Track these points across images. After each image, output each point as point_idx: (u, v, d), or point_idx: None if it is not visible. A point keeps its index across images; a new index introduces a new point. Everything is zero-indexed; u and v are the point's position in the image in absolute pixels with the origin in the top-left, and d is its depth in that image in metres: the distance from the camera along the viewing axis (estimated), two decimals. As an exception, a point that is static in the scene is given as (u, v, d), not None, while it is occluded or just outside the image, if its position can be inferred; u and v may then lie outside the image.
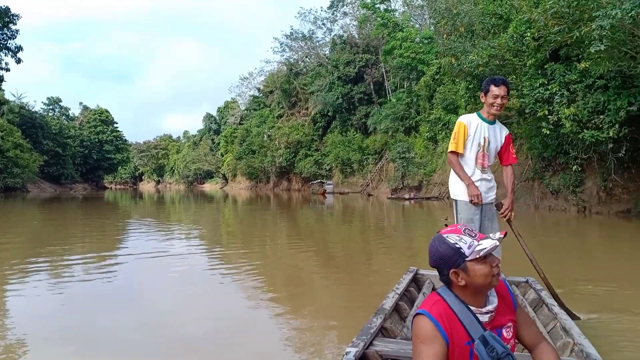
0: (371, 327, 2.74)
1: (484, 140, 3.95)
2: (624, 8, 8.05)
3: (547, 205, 17.18)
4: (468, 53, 13.77)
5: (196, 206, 29.78)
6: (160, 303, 5.32)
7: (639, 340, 3.80)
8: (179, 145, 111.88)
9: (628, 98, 10.50)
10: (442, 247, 1.80)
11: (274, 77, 62.95)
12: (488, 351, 1.71)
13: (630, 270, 6.79)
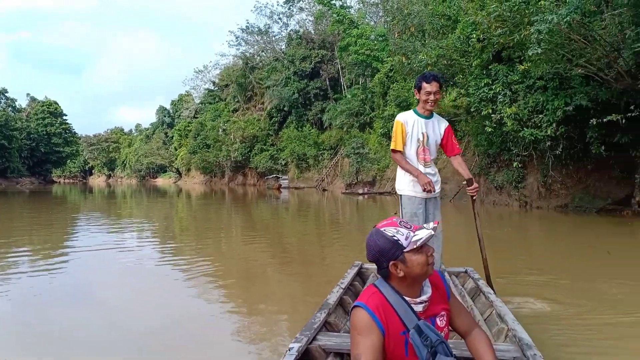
0: (315, 322, 2.77)
1: (422, 135, 4.01)
2: (560, 14, 8.57)
3: (491, 200, 17.90)
4: (418, 52, 14.20)
5: (148, 201, 29.26)
6: (112, 298, 5.26)
7: (569, 327, 4.03)
8: (130, 138, 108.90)
9: (565, 99, 11.15)
10: (381, 241, 1.84)
11: (229, 71, 62.32)
12: (422, 340, 1.77)
13: (566, 261, 7.23)
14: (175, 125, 79.95)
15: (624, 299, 4.82)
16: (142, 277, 6.31)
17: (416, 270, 1.81)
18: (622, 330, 3.97)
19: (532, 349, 2.44)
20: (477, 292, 4.00)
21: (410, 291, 1.86)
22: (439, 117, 4.15)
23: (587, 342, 3.69)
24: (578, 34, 9.65)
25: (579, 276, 6.00)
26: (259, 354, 3.62)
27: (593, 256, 7.55)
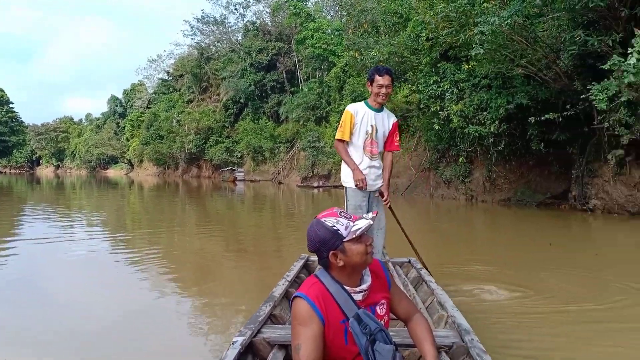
0: (260, 315, 2.79)
1: (371, 127, 4.01)
2: (502, 16, 8.98)
3: (440, 193, 18.47)
4: (371, 49, 14.47)
5: (99, 192, 28.51)
6: (60, 293, 5.17)
7: (509, 314, 4.24)
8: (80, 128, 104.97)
9: (507, 97, 11.68)
10: (321, 231, 1.87)
11: (184, 61, 61.00)
12: (362, 328, 1.80)
13: (509, 252, 7.63)
14: (127, 115, 77.67)
15: (563, 288, 5.09)
16: (93, 270, 6.22)
17: (355, 260, 1.85)
18: (560, 317, 4.20)
19: (470, 334, 2.53)
20: (419, 281, 4.12)
21: (350, 280, 1.89)
22: (389, 112, 4.19)
23: (524, 329, 3.88)
24: (520, 36, 10.12)
25: (522, 266, 6.30)
26: (209, 347, 3.61)
27: (534, 248, 7.92)
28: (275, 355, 2.45)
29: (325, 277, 1.90)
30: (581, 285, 5.28)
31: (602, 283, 5.44)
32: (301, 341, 1.75)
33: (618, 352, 3.44)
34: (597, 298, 4.76)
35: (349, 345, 1.84)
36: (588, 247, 8.21)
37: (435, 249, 7.95)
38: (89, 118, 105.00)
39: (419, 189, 20.18)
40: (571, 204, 12.75)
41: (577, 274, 5.84)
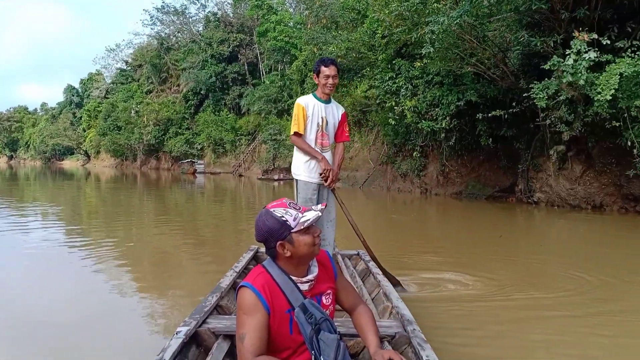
0: (205, 305, 2.80)
1: (321, 120, 4.02)
2: (452, 16, 9.33)
3: (397, 187, 18.93)
4: (329, 44, 14.67)
5: (54, 184, 27.78)
6: (13, 287, 5.08)
7: (455, 302, 4.37)
8: (35, 118, 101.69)
9: (457, 94, 12.11)
10: (270, 221, 1.87)
11: (143, 51, 59.78)
12: (307, 317, 1.82)
13: (457, 243, 7.94)
14: (84, 105, 75.46)
15: (510, 277, 5.28)
16: (44, 263, 6.11)
17: (302, 251, 1.86)
18: (506, 305, 4.37)
19: (413, 324, 2.60)
20: (367, 273, 4.20)
21: (297, 271, 1.91)
22: (337, 103, 4.21)
23: (471, 318, 4.00)
24: (470, 35, 10.52)
25: (471, 257, 6.52)
26: (157, 338, 3.57)
27: (484, 239, 8.27)
28: (220, 345, 2.45)
29: (272, 267, 1.91)
30: (528, 274, 5.50)
31: (547, 272, 5.72)
32: (246, 330, 1.77)
33: (559, 340, 3.54)
34: (542, 287, 4.94)
35: (294, 335, 1.86)
36: (533, 238, 8.66)
37: (390, 240, 8.25)
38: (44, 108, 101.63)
39: (376, 182, 20.60)
40: (518, 197, 13.36)
41: (524, 264, 6.14)
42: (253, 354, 1.74)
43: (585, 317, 4.07)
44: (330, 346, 1.81)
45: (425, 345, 2.32)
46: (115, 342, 3.55)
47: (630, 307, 4.37)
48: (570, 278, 5.27)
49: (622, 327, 3.84)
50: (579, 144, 11.07)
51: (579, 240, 8.44)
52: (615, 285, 5.11)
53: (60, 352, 3.38)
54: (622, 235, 8.74)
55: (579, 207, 11.57)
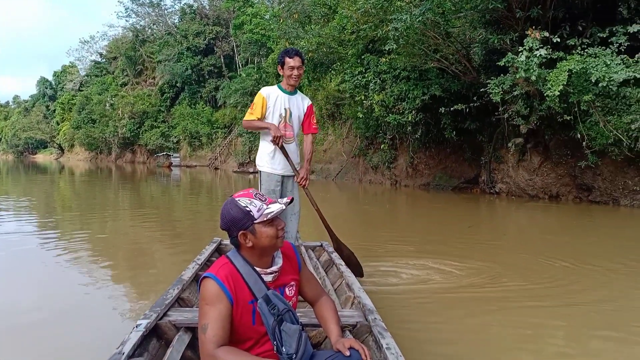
0: (167, 298, 2.78)
1: (285, 111, 4.00)
2: (414, 14, 9.71)
3: (368, 179, 19.37)
4: (301, 39, 14.95)
5: (27, 178, 27.36)
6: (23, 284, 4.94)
7: (421, 292, 4.46)
8: (7, 111, 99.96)
9: (422, 89, 12.54)
10: (234, 210, 1.88)
11: (118, 43, 59.00)
12: (270, 308, 1.84)
13: (424, 233, 8.27)
14: (57, 98, 74.22)
15: (476, 267, 5.38)
16: (16, 257, 6.05)
17: (264, 242, 1.87)
18: (471, 295, 4.43)
19: (374, 313, 2.65)
20: (330, 264, 4.25)
21: (261, 262, 1.93)
22: (303, 95, 4.18)
23: (434, 307, 4.13)
24: (434, 32, 10.93)
25: (438, 246, 6.71)
26: (121, 332, 3.40)
27: (449, 229, 8.52)
28: (181, 338, 2.45)
29: (236, 258, 1.92)
30: (495, 263, 5.61)
31: (511, 261, 5.84)
32: (208, 321, 1.77)
33: (525, 332, 3.57)
34: (507, 275, 5.07)
35: (256, 326, 1.88)
36: (497, 228, 9.06)
37: (360, 230, 8.60)
38: (17, 100, 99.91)
39: (349, 174, 21.01)
40: (481, 188, 13.90)
41: (489, 252, 6.33)
42: (215, 344, 1.75)
43: (545, 303, 4.21)
44: (293, 337, 1.85)
45: (385, 334, 2.38)
46: (80, 337, 3.50)
47: (586, 287, 4.70)
48: (536, 265, 5.50)
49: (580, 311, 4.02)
50: (536, 137, 11.61)
51: (539, 229, 8.81)
52: (575, 270, 5.36)
53: (15, 350, 3.29)
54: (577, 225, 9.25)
55: (537, 197, 12.15)
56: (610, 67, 8.17)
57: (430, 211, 11.74)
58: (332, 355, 1.89)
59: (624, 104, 9.06)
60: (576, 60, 8.53)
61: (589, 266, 5.51)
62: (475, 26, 11.70)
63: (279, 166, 4.09)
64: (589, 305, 4.16)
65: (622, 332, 3.56)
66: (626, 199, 10.45)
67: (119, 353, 2.07)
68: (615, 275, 5.16)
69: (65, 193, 17.48)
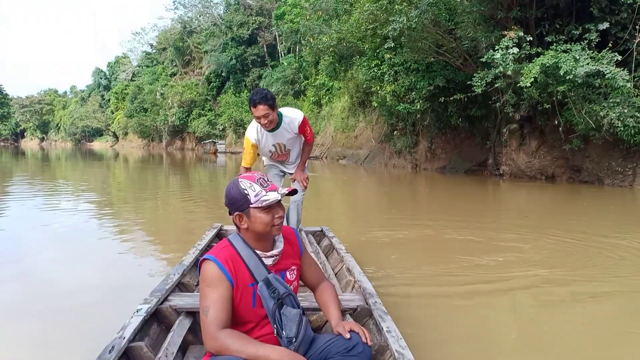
0: (167, 282, 2.80)
1: (274, 147, 4.03)
2: (411, 15, 10.99)
3: (393, 163, 20.68)
4: (324, 34, 16.37)
5: (84, 165, 29.38)
6: (45, 264, 5.17)
7: (418, 276, 4.55)
8: (65, 100, 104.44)
9: (428, 80, 13.77)
10: (234, 190, 1.91)
11: (167, 34, 61.59)
12: (270, 292, 1.85)
13: (441, 210, 8.96)
14: (111, 88, 77.99)
15: (479, 249, 5.57)
16: (77, 242, 6.25)
17: (258, 228, 1.89)
18: (472, 277, 4.50)
19: (374, 297, 2.67)
20: (330, 248, 4.31)
21: (260, 245, 1.94)
22: (290, 118, 3.91)
23: (436, 288, 4.25)
24: (434, 30, 12.14)
25: (446, 227, 6.95)
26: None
27: (457, 210, 9.01)
28: (182, 322, 2.45)
29: (237, 241, 1.93)
30: (497, 243, 5.90)
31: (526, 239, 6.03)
32: (209, 303, 1.77)
33: (516, 316, 3.65)
34: (510, 258, 5.17)
35: (256, 308, 1.88)
36: (512, 209, 9.91)
37: (382, 209, 9.62)
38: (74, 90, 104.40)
39: (377, 159, 22.35)
40: (490, 171, 15.02)
41: (497, 233, 6.57)
42: (218, 326, 1.75)
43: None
44: (293, 320, 1.85)
45: (385, 317, 2.41)
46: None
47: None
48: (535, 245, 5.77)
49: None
50: (532, 123, 12.67)
51: (551, 208, 9.53)
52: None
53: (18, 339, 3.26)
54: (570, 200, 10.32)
55: (534, 178, 13.23)
56: (579, 61, 9.25)
57: (444, 192, 12.59)
58: (333, 338, 1.91)
59: (595, 94, 10.08)
60: (550, 55, 9.63)
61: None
62: (467, 25, 12.72)
63: (275, 169, 4.38)
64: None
65: None
66: (609, 179, 11.45)
67: (120, 337, 2.08)
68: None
69: (121, 178, 19.21)
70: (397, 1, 11.44)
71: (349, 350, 1.84)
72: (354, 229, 7.13)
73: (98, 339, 2.47)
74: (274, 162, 4.36)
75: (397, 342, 2.13)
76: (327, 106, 34.29)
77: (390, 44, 11.61)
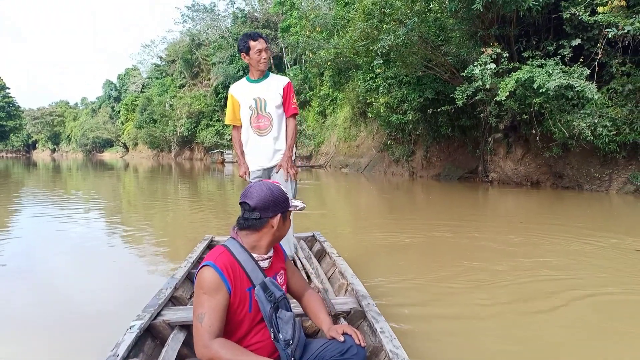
0: (160, 297, 2.77)
1: (254, 101, 3.72)
2: (398, 34, 11.79)
3: (392, 171, 21.40)
4: (321, 49, 17.24)
5: (95, 175, 29.93)
6: (56, 273, 5.20)
7: (411, 279, 4.59)
8: (76, 112, 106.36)
9: (419, 92, 14.55)
10: (277, 192, 1.93)
11: (176, 47, 62.93)
12: (267, 296, 1.87)
13: (434, 216, 9.27)
14: (122, 99, 79.45)
15: (467, 252, 5.77)
16: (89, 251, 6.25)
17: (283, 232, 1.97)
18: (463, 281, 4.55)
19: (367, 299, 2.69)
20: (322, 253, 4.32)
21: (257, 249, 1.95)
22: (278, 76, 3.84)
23: (429, 290, 4.26)
24: (421, 46, 12.92)
25: (435, 232, 7.26)
26: None
27: (447, 214, 9.38)
28: (176, 336, 2.45)
29: (234, 246, 1.92)
30: (483, 251, 5.96)
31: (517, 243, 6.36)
32: (205, 310, 1.76)
33: (513, 320, 3.62)
34: (504, 261, 5.29)
35: (252, 313, 1.88)
36: (488, 213, 10.80)
37: (382, 213, 10.30)
38: (85, 102, 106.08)
39: (376, 167, 23.10)
40: (480, 177, 15.71)
41: (490, 240, 6.69)
42: (212, 334, 1.75)
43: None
44: (288, 323, 1.87)
45: (379, 318, 2.42)
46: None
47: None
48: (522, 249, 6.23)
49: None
50: (517, 132, 13.38)
51: (532, 211, 10.44)
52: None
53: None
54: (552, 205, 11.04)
55: (521, 184, 13.91)
56: (552, 75, 9.98)
57: (438, 196, 13.29)
58: (326, 342, 1.92)
59: (570, 105, 10.80)
60: (526, 70, 10.37)
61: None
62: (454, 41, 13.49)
63: (253, 160, 3.90)
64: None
65: None
66: (588, 185, 12.13)
67: (114, 355, 2.07)
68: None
69: (130, 188, 19.82)
70: (386, 20, 12.26)
71: (343, 354, 1.87)
72: (354, 234, 7.44)
73: (97, 356, 2.54)
74: (253, 148, 3.88)
75: (391, 342, 2.16)
76: (331, 116, 35.10)
77: (379, 60, 12.43)
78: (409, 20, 11.74)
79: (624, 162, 11.61)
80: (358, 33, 13.55)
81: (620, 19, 9.41)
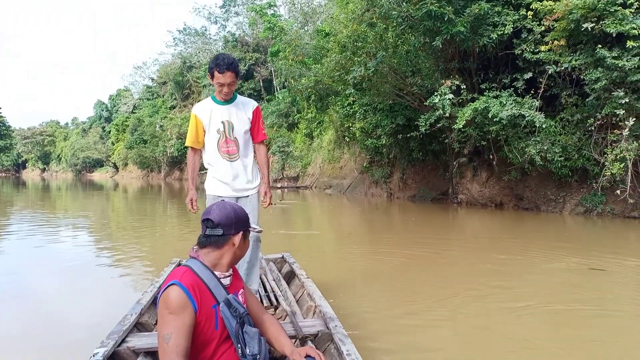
0: (124, 323, 2.71)
1: (222, 125, 3.57)
2: (369, 66, 12.79)
3: (371, 192, 22.26)
4: (303, 77, 18.26)
5: (84, 195, 30.12)
6: (44, 294, 5.20)
7: (368, 302, 4.64)
8: (67, 132, 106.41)
9: (391, 118, 15.54)
10: (240, 211, 2.02)
11: (167, 69, 63.95)
12: (232, 312, 1.91)
13: (399, 236, 9.93)
14: (112, 120, 79.93)
15: (453, 272, 6.13)
16: (76, 271, 6.36)
17: (243, 251, 2.06)
18: (434, 302, 4.68)
19: (334, 320, 2.70)
20: (292, 275, 4.33)
21: (218, 268, 2.00)
22: (245, 99, 3.68)
23: (389, 313, 4.31)
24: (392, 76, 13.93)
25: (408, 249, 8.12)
26: None
27: (420, 234, 10.05)
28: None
29: (196, 265, 1.94)
30: (460, 266, 6.48)
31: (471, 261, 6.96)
32: (171, 330, 1.75)
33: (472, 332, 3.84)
34: (469, 276, 5.71)
35: (219, 330, 1.90)
36: (456, 234, 11.89)
37: (363, 231, 11.20)
38: (75, 122, 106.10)
39: (358, 188, 23.96)
40: (450, 199, 16.61)
41: (463, 258, 7.20)
42: (179, 355, 1.74)
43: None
44: (254, 338, 1.92)
45: (346, 340, 2.42)
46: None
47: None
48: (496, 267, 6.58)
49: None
50: (481, 156, 14.33)
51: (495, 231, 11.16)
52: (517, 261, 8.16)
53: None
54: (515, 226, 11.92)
55: (486, 205, 14.81)
56: (505, 105, 10.96)
57: (414, 216, 14.12)
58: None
59: (524, 133, 11.78)
60: (482, 100, 11.36)
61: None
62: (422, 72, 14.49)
63: (222, 186, 3.70)
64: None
65: None
66: (544, 206, 13.06)
67: None
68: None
69: (120, 208, 20.79)
70: (358, 53, 13.28)
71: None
72: (329, 254, 7.85)
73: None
74: (218, 172, 3.71)
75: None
76: (318, 138, 36.07)
77: (351, 90, 13.43)
78: (379, 53, 12.74)
79: (577, 185, 12.56)
80: (333, 64, 14.54)
81: (562, 57, 10.46)
